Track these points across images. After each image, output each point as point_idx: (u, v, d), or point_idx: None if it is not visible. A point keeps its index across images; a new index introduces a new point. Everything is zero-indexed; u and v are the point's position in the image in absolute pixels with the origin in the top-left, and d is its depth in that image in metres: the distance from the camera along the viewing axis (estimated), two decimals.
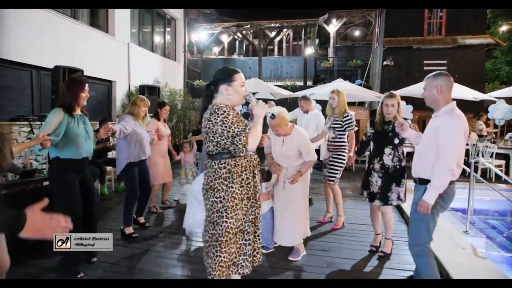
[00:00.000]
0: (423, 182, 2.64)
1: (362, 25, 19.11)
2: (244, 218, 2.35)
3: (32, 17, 6.16)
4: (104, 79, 8.61)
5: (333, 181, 4.61)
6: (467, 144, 8.81)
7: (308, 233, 3.78)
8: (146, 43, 11.10)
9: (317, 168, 9.39)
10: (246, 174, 2.33)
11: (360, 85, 13.40)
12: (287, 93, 11.37)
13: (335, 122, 4.61)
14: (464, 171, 4.16)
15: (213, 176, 2.29)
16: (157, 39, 11.98)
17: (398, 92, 10.20)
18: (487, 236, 4.63)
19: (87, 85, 3.22)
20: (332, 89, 4.79)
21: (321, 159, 9.36)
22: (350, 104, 12.57)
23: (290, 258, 3.58)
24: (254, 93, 10.38)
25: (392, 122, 3.43)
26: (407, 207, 5.08)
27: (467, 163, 7.54)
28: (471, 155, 8.54)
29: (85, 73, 5.75)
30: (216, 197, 2.27)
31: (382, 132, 3.56)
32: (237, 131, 2.20)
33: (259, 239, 2.48)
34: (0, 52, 5.63)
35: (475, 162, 6.11)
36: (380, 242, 3.89)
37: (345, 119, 4.51)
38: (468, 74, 11.81)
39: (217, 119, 2.20)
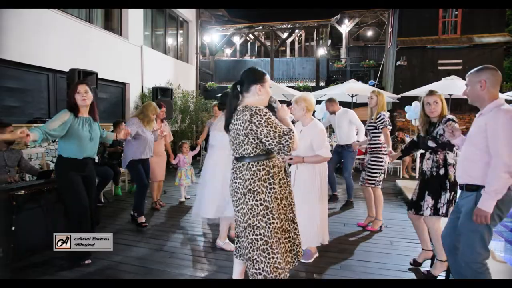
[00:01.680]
0: (470, 189, 2.36)
1: (375, 25, 18.92)
2: (285, 217, 2.35)
3: (48, 21, 6.28)
4: (118, 81, 8.71)
5: (373, 183, 4.49)
6: None
7: (325, 241, 3.60)
8: (159, 45, 11.20)
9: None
10: (282, 173, 2.34)
11: (373, 85, 13.25)
12: (299, 95, 11.31)
13: (370, 124, 4.57)
14: None
15: (252, 178, 2.24)
16: (170, 41, 12.08)
17: (412, 93, 10.06)
18: (505, 239, 4.52)
19: (82, 86, 3.29)
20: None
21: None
22: (363, 105, 12.45)
23: (301, 260, 3.52)
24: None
25: (436, 123, 3.17)
26: None
27: None
28: None
29: (99, 76, 5.84)
30: (257, 200, 2.23)
31: (423, 136, 3.27)
32: (283, 130, 2.17)
33: (298, 235, 2.49)
34: (19, 56, 5.75)
35: None
36: (424, 259, 3.47)
37: (378, 119, 4.43)
38: None
39: (261, 120, 2.16)
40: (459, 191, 2.67)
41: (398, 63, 12.42)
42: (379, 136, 4.49)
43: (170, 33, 12.07)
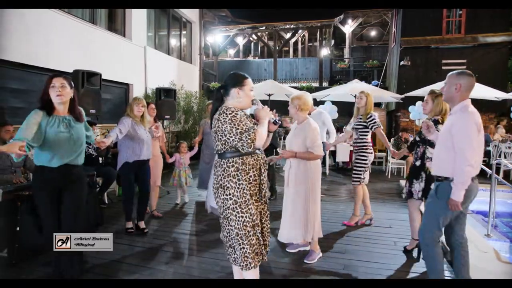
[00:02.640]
0: (438, 180, 2.72)
1: (379, 25, 18.87)
2: (255, 213, 2.44)
3: (52, 22, 6.31)
4: (122, 82, 8.75)
5: (358, 181, 4.62)
6: (489, 145, 8.60)
7: (316, 236, 3.58)
8: (162, 46, 11.23)
9: (333, 170, 9.34)
10: (253, 171, 2.42)
11: (376, 85, 13.22)
12: (295, 93, 11.29)
13: (358, 123, 4.63)
14: (485, 172, 4.09)
15: (222, 174, 2.40)
16: (173, 42, 12.10)
17: (416, 93, 10.03)
18: (510, 240, 4.49)
19: (58, 79, 2.79)
20: (361, 89, 4.86)
21: (337, 160, 9.36)
22: None
23: (305, 261, 3.54)
24: (269, 95, 10.37)
25: (431, 119, 3.43)
26: None
27: (488, 165, 7.34)
28: (493, 156, 8.32)
29: (103, 77, 5.86)
30: (227, 195, 2.38)
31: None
32: (245, 128, 2.33)
33: (265, 234, 2.54)
34: (23, 58, 5.79)
35: (497, 164, 5.95)
36: (412, 247, 3.79)
37: (369, 119, 4.52)
38: (489, 73, 11.49)
39: (225, 118, 2.33)
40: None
41: (401, 63, 12.37)
42: (366, 136, 4.62)
43: (174, 33, 12.10)
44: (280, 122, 2.64)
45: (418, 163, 3.60)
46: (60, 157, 2.75)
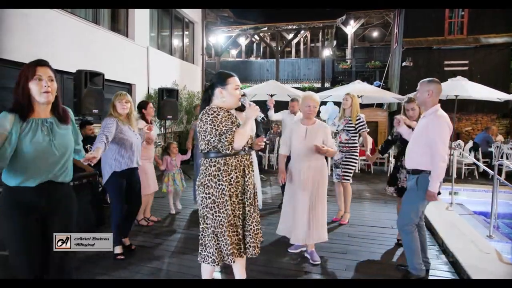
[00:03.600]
0: (414, 172, 3.07)
1: (381, 26, 18.87)
2: (233, 214, 2.46)
3: (56, 22, 6.34)
4: (124, 82, 8.77)
5: (348, 180, 4.82)
6: (491, 146, 8.60)
7: (322, 239, 3.57)
8: (164, 46, 11.25)
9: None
10: (235, 173, 2.45)
11: (378, 86, 13.21)
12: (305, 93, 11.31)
13: (348, 124, 4.80)
14: (487, 174, 4.09)
15: (204, 173, 2.45)
16: (176, 42, 12.13)
17: None
18: None
19: (44, 69, 2.10)
20: (347, 91, 4.98)
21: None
22: (369, 105, 12.41)
23: (314, 262, 3.51)
24: (271, 95, 10.38)
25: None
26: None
27: (490, 166, 7.34)
28: (495, 157, 8.31)
29: (106, 77, 5.88)
30: (206, 193, 2.42)
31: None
32: (224, 129, 2.37)
33: (250, 234, 2.54)
34: (27, 58, 5.81)
35: (499, 165, 5.94)
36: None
37: (358, 121, 4.76)
38: (491, 74, 11.48)
39: (207, 119, 2.38)
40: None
41: (404, 63, 12.37)
42: (356, 137, 4.84)
43: (176, 34, 12.12)
44: (265, 120, 2.71)
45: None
46: (39, 173, 2.01)
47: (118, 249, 3.58)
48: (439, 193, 3.04)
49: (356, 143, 4.84)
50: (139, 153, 3.73)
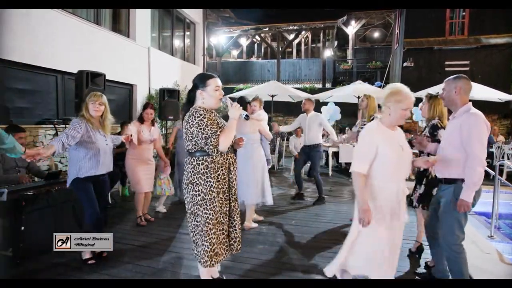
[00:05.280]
0: (448, 182, 2.70)
1: (382, 27, 18.84)
2: (220, 210, 2.55)
3: (57, 23, 6.35)
4: (126, 83, 8.79)
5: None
6: (491, 147, 8.59)
7: None
8: (166, 47, 11.27)
9: (336, 171, 9.33)
10: (222, 170, 2.56)
11: (379, 87, 13.20)
12: (305, 96, 11.33)
13: (363, 125, 4.73)
14: (488, 174, 4.07)
15: (192, 171, 2.52)
16: (177, 43, 12.14)
17: (418, 94, 10.02)
18: None
19: None
20: (364, 90, 4.97)
21: (340, 161, 9.36)
22: None
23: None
24: (273, 96, 10.39)
25: (426, 125, 3.49)
26: None
27: (492, 166, 7.33)
28: (496, 157, 8.30)
29: (107, 77, 5.90)
30: (195, 191, 2.50)
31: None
32: (210, 133, 2.45)
33: (235, 230, 2.68)
34: (29, 58, 5.83)
35: (500, 165, 5.94)
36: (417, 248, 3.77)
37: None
38: (492, 74, 11.48)
39: (193, 122, 2.46)
40: (435, 188, 3.12)
41: (405, 64, 12.37)
42: None
43: (177, 34, 12.13)
44: (248, 117, 2.76)
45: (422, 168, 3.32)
46: None
47: (87, 254, 3.39)
48: (473, 205, 2.62)
49: None
50: (109, 159, 3.52)
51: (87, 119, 3.31)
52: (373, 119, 4.45)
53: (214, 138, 2.44)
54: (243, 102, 4.33)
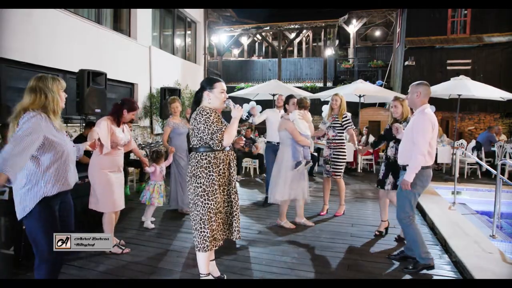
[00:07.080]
0: (404, 168, 3.34)
1: (383, 25, 18.82)
2: (220, 201, 2.80)
3: (59, 22, 6.36)
4: (127, 82, 8.79)
5: (339, 175, 5.05)
6: (493, 146, 8.57)
7: None
8: (167, 46, 11.27)
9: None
10: (222, 165, 2.80)
11: (381, 85, 13.20)
12: (307, 95, 11.32)
13: (335, 122, 5.03)
14: (490, 173, 4.09)
15: (196, 165, 2.75)
16: (178, 42, 12.14)
17: None
18: None
19: None
20: (335, 92, 5.42)
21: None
22: (371, 105, 12.40)
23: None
24: (274, 95, 10.37)
25: (399, 120, 4.02)
26: (429, 210, 4.99)
27: (493, 165, 7.31)
28: (498, 156, 8.28)
29: (108, 76, 5.90)
30: (198, 183, 2.73)
31: (390, 128, 4.05)
32: (216, 129, 2.70)
33: (235, 219, 2.92)
34: (31, 58, 5.83)
35: (502, 164, 5.92)
36: (385, 228, 4.38)
37: (344, 119, 4.97)
38: (494, 73, 11.45)
39: (201, 119, 2.71)
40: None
41: (406, 63, 12.34)
42: (342, 134, 5.06)
43: (178, 33, 12.13)
44: (248, 118, 2.91)
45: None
46: None
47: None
48: (414, 186, 3.24)
49: (343, 139, 5.05)
50: (73, 164, 2.56)
51: (46, 112, 2.51)
52: (345, 117, 4.93)
53: (219, 134, 2.69)
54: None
